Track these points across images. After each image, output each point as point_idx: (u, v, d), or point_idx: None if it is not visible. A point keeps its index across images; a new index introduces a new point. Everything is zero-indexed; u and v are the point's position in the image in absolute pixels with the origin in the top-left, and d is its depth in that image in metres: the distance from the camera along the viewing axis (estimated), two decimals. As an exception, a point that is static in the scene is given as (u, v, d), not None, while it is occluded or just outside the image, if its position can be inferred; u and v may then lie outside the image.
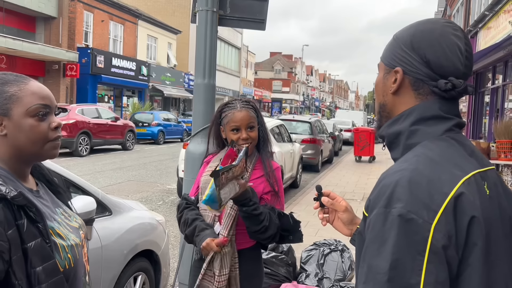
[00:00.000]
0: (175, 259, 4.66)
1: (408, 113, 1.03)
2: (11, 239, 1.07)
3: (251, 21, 3.33)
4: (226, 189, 1.86)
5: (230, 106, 2.16)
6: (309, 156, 12.37)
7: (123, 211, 3.08)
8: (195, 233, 2.03)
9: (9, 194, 1.08)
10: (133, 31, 27.44)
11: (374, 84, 1.15)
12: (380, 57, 1.14)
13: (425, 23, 1.04)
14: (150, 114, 21.17)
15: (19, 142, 1.18)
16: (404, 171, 0.92)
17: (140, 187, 9.30)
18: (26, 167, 1.24)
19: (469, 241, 0.87)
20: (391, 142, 1.06)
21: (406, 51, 1.03)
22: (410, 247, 0.84)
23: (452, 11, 21.77)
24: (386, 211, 0.88)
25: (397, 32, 1.10)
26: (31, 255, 1.10)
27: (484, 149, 8.81)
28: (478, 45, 14.05)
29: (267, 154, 2.17)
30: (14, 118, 1.17)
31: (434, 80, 1.00)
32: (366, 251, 0.89)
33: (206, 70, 3.17)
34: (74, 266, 1.22)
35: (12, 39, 17.06)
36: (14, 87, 1.19)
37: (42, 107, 1.20)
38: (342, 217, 1.38)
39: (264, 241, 2.08)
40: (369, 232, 0.90)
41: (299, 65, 77.04)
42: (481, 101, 14.19)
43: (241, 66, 45.46)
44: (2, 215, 1.06)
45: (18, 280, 1.08)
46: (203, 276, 2.05)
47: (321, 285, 3.67)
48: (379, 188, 0.93)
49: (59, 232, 1.22)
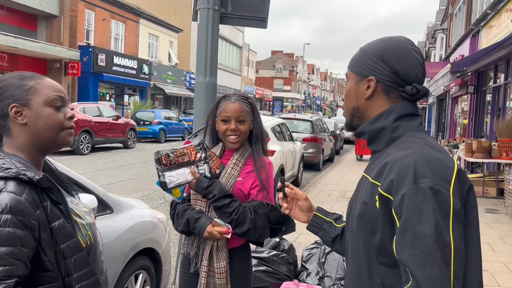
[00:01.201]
0: (176, 257, 4.66)
1: (388, 112, 1.25)
2: (39, 218, 1.19)
3: (253, 19, 3.33)
4: (173, 173, 2.03)
5: (226, 98, 2.18)
6: (310, 154, 12.37)
7: (124, 209, 3.08)
8: (190, 225, 2.05)
9: (35, 177, 1.20)
10: (135, 29, 27.44)
11: (345, 91, 1.36)
12: (348, 67, 1.34)
13: (390, 40, 1.28)
14: (151, 113, 21.19)
15: (38, 129, 1.30)
16: (415, 154, 1.12)
17: (141, 186, 9.30)
18: (42, 156, 1.36)
19: (468, 204, 1.13)
20: (373, 137, 1.28)
21: (378, 63, 1.25)
22: (441, 212, 1.05)
23: (453, 10, 21.72)
24: (417, 186, 1.06)
25: (363, 46, 1.32)
26: (55, 234, 1.22)
27: (486, 148, 8.79)
28: (480, 44, 14.02)
29: (258, 151, 2.18)
30: (34, 107, 1.29)
31: (401, 86, 1.25)
32: (407, 222, 1.06)
33: (207, 68, 3.17)
34: (94, 242, 1.37)
35: (14, 37, 17.08)
36: (32, 81, 1.32)
37: (58, 98, 1.33)
38: (302, 205, 1.59)
39: (243, 236, 2.07)
40: (405, 206, 1.07)
41: (301, 63, 76.97)
42: (483, 100, 14.16)
43: (242, 65, 45.43)
44: (31, 197, 1.18)
45: (47, 256, 1.21)
46: (207, 273, 2.08)
47: (322, 283, 3.67)
48: (398, 170, 1.10)
49: (77, 212, 1.36)
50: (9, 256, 1.12)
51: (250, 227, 2.02)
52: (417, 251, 1.03)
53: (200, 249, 2.12)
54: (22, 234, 1.15)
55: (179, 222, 2.11)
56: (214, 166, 2.11)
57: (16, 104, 1.28)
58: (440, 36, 26.60)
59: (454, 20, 21.56)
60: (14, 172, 1.19)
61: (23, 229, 1.15)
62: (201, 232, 2.01)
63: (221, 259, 2.07)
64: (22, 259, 1.15)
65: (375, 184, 1.16)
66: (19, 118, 1.28)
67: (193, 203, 2.15)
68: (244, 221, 2.01)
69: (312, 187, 9.80)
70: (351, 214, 1.29)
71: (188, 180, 2.05)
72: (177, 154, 2.06)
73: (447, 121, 22.87)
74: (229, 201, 2.02)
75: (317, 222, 1.56)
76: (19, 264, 1.14)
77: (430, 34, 34.74)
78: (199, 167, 2.07)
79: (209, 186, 2.04)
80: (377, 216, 1.14)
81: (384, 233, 1.13)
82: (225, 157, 2.19)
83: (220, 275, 2.06)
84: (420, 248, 1.03)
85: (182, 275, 2.25)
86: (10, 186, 1.16)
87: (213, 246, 2.08)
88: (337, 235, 1.52)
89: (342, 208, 7.64)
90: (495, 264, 4.97)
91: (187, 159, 2.07)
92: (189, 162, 2.07)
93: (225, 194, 2.03)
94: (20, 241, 1.14)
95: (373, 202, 1.16)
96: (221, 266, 2.06)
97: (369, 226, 1.17)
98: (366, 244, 1.19)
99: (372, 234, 1.16)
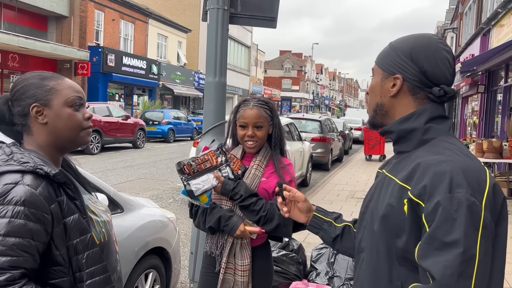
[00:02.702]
0: (186, 257, 4.68)
1: (419, 113, 1.21)
2: (53, 213, 1.21)
3: (262, 19, 3.33)
4: (198, 180, 2.06)
5: (245, 104, 2.21)
6: (319, 154, 12.34)
7: (134, 209, 3.09)
8: (222, 223, 2.08)
9: (51, 172, 1.23)
10: (144, 29, 27.56)
11: (370, 86, 1.31)
12: (376, 62, 1.30)
13: (422, 38, 1.23)
14: (160, 113, 21.26)
15: (59, 129, 1.33)
16: (450, 161, 1.10)
17: (150, 185, 9.34)
18: (60, 155, 1.39)
19: (501, 216, 1.11)
20: (401, 137, 1.24)
21: (406, 61, 1.21)
22: (472, 224, 1.03)
23: (464, 9, 21.54)
24: (451, 196, 1.05)
25: (393, 42, 1.27)
26: (69, 228, 1.24)
27: (497, 148, 8.72)
28: (490, 43, 13.89)
29: (276, 153, 2.23)
30: (54, 108, 1.32)
31: (428, 87, 1.21)
32: (437, 230, 1.05)
33: (217, 68, 3.17)
34: (108, 239, 1.39)
35: (25, 38, 17.23)
36: (52, 81, 1.34)
37: (77, 98, 1.35)
38: (302, 206, 1.56)
39: (273, 232, 2.11)
40: (438, 214, 1.05)
41: (309, 63, 76.80)
42: (494, 100, 14.03)
43: (250, 65, 45.43)
44: (46, 191, 1.21)
45: (59, 251, 1.22)
46: (225, 270, 2.11)
47: (332, 283, 3.66)
48: (432, 176, 1.08)
49: (92, 209, 1.38)
50: (17, 247, 1.14)
51: (279, 223, 2.06)
52: (441, 259, 1.03)
53: (224, 248, 2.16)
54: (33, 227, 1.16)
55: (208, 219, 2.13)
56: (236, 168, 2.16)
57: (37, 104, 1.31)
58: (450, 35, 26.40)
59: (464, 19, 21.37)
60: (32, 166, 1.21)
61: (35, 222, 1.17)
62: (233, 230, 2.05)
63: (245, 257, 2.11)
64: (30, 252, 1.16)
65: (404, 188, 1.14)
66: (40, 118, 1.31)
67: (217, 202, 2.18)
68: (272, 217, 2.06)
69: (320, 187, 9.78)
70: (372, 214, 1.25)
71: (214, 184, 2.09)
72: (198, 162, 2.09)
73: (457, 120, 22.70)
74: (256, 200, 2.07)
75: (317, 222, 1.55)
76: (27, 256, 1.15)
77: (440, 33, 34.48)
78: (222, 170, 2.12)
79: (235, 187, 2.08)
80: (403, 220, 1.12)
81: (410, 238, 1.12)
82: (246, 159, 2.24)
83: (243, 273, 2.09)
84: (445, 257, 1.03)
85: (203, 274, 2.26)
86: (26, 179, 1.19)
87: (236, 244, 2.12)
88: (338, 234, 1.51)
89: (351, 208, 7.61)
90: (507, 265, 4.92)
91: (209, 165, 2.10)
92: (211, 168, 2.11)
93: (251, 194, 2.08)
94: (30, 234, 1.16)
95: (400, 205, 1.13)
96: (245, 264, 2.10)
97: (393, 228, 1.15)
98: (388, 246, 1.17)
99: (395, 236, 1.15)
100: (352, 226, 1.52)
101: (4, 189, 1.16)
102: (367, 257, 1.26)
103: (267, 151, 2.22)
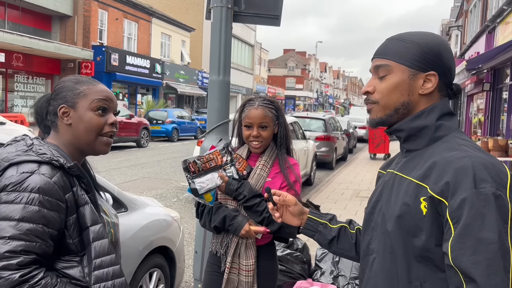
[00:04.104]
0: (190, 256, 4.68)
1: (430, 110, 1.20)
2: (68, 201, 1.28)
3: (266, 17, 3.31)
4: (202, 179, 2.07)
5: (250, 103, 2.20)
6: (323, 153, 12.31)
7: (138, 208, 3.09)
8: (227, 222, 2.08)
9: (66, 164, 1.30)
10: (147, 29, 27.59)
11: (390, 84, 1.22)
12: (391, 58, 1.22)
13: (438, 36, 1.24)
14: (164, 112, 21.28)
15: (79, 131, 1.39)
16: (469, 157, 1.08)
17: (154, 184, 9.35)
18: (81, 156, 1.46)
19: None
20: (411, 135, 1.22)
21: (437, 57, 1.20)
22: (502, 218, 1.03)
23: (469, 6, 21.42)
24: (477, 191, 1.04)
25: (416, 39, 1.21)
26: (82, 217, 1.30)
27: (502, 146, 8.67)
28: (496, 41, 13.81)
29: (283, 153, 2.21)
30: (79, 110, 1.39)
31: (449, 84, 1.23)
32: (468, 227, 1.03)
33: (220, 66, 3.16)
34: (115, 241, 1.43)
35: (29, 37, 17.29)
36: (84, 86, 1.42)
37: (102, 103, 1.41)
38: (294, 210, 1.50)
39: (276, 233, 2.11)
40: (466, 210, 1.04)
41: (313, 62, 76.70)
42: (499, 98, 13.95)
43: (254, 63, 45.41)
44: (62, 181, 1.28)
45: (73, 239, 1.28)
46: (229, 270, 2.10)
47: (337, 282, 3.65)
48: (454, 173, 1.07)
49: (104, 209, 1.43)
50: (31, 232, 1.18)
51: (282, 224, 2.03)
52: (480, 258, 1.01)
53: (229, 247, 2.15)
54: (47, 214, 1.21)
55: (214, 218, 2.13)
56: (241, 168, 2.16)
57: (64, 105, 1.40)
58: (454, 33, 26.28)
59: (469, 17, 21.26)
60: (48, 157, 1.29)
61: (49, 209, 1.22)
62: (238, 230, 2.05)
63: (249, 256, 2.10)
64: (44, 238, 1.20)
65: (421, 186, 1.12)
66: (65, 119, 1.40)
67: (223, 202, 2.18)
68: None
69: (325, 186, 9.76)
70: (383, 215, 1.23)
71: (218, 184, 2.09)
72: (203, 161, 2.09)
73: (462, 119, 22.60)
74: (259, 200, 2.06)
75: (312, 225, 1.50)
76: (40, 242, 1.19)
77: (445, 31, 34.35)
78: (227, 170, 2.11)
79: (239, 188, 2.08)
80: (421, 218, 1.11)
81: (431, 237, 1.10)
82: (252, 159, 2.24)
83: (247, 273, 2.09)
84: (484, 255, 1.01)
85: (208, 273, 2.26)
86: (43, 169, 1.26)
87: (241, 244, 2.11)
88: (334, 236, 1.48)
89: (355, 207, 7.59)
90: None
91: (214, 164, 2.10)
92: (216, 167, 2.11)
93: (254, 194, 2.07)
94: (44, 220, 1.21)
95: (416, 204, 1.12)
96: (249, 264, 2.09)
97: (409, 228, 1.13)
98: (405, 246, 1.15)
99: (412, 236, 1.13)
100: (348, 227, 1.50)
101: (21, 177, 1.23)
102: (380, 258, 1.23)
103: (273, 151, 2.20)
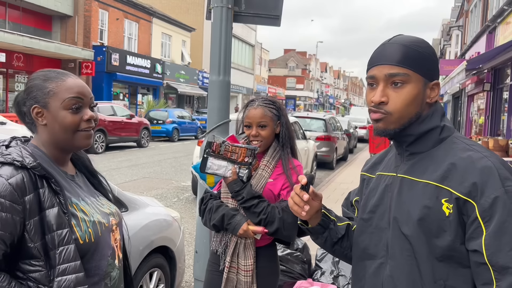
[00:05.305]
0: (190, 256, 4.68)
1: (432, 112, 1.23)
2: (28, 203, 1.21)
3: (266, 17, 3.31)
4: (216, 161, 2.08)
5: (251, 103, 2.22)
6: (324, 153, 12.31)
7: (139, 208, 3.09)
8: (226, 221, 2.08)
9: (29, 164, 1.24)
10: (148, 29, 27.59)
11: (407, 95, 1.18)
12: (408, 67, 1.17)
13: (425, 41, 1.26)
14: (164, 112, 21.29)
15: (55, 131, 1.34)
16: (487, 157, 1.12)
17: (155, 184, 9.36)
18: (64, 154, 1.40)
19: None
20: (419, 138, 1.23)
21: (437, 66, 1.24)
22: None
23: (469, 6, 21.42)
24: (506, 189, 1.08)
25: (423, 47, 1.19)
26: (47, 221, 1.23)
27: (503, 146, 8.67)
28: (496, 41, 13.80)
29: (285, 154, 2.21)
30: (52, 110, 1.34)
31: None
32: (504, 224, 1.06)
33: (221, 66, 3.16)
34: (95, 241, 1.32)
35: (29, 37, 17.29)
36: (53, 83, 1.35)
37: (74, 101, 1.34)
38: (316, 205, 1.38)
39: (274, 235, 2.10)
40: (499, 209, 1.07)
41: (313, 62, 76.67)
42: (499, 98, 13.95)
43: (255, 63, 45.41)
44: (20, 181, 1.21)
45: (34, 243, 1.21)
46: (229, 269, 2.11)
47: (337, 282, 3.65)
48: (479, 173, 1.10)
49: (83, 209, 1.35)
50: None
51: (279, 226, 2.05)
52: None
53: (228, 246, 2.16)
54: (1, 216, 1.16)
55: (213, 217, 2.13)
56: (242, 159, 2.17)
57: (37, 106, 1.34)
58: (455, 33, 26.27)
59: (470, 17, 21.26)
60: (11, 158, 1.24)
61: (3, 212, 1.17)
62: (236, 229, 2.05)
63: (248, 257, 2.10)
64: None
65: (441, 188, 1.14)
66: (40, 119, 1.35)
67: (224, 201, 2.19)
68: (272, 220, 2.04)
69: (325, 186, 9.76)
70: (395, 219, 1.22)
71: (226, 175, 2.11)
72: (228, 149, 2.10)
73: (462, 119, 22.59)
74: (257, 202, 2.06)
75: (325, 221, 1.41)
76: None
77: (445, 31, 34.34)
78: (241, 169, 2.12)
79: (240, 190, 2.09)
80: (443, 219, 1.13)
81: (456, 237, 1.12)
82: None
83: (246, 273, 2.09)
84: None
85: (208, 273, 2.27)
86: (2, 170, 1.21)
87: (240, 243, 2.11)
88: (343, 235, 1.42)
89: (356, 207, 7.58)
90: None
91: (234, 158, 2.11)
92: (234, 160, 2.12)
93: (253, 196, 2.07)
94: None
95: (438, 205, 1.14)
96: (248, 264, 2.09)
97: (432, 229, 1.15)
98: (429, 247, 1.16)
99: (433, 237, 1.15)
100: (350, 224, 1.46)
101: None
102: (396, 263, 1.21)
103: (276, 151, 2.20)
